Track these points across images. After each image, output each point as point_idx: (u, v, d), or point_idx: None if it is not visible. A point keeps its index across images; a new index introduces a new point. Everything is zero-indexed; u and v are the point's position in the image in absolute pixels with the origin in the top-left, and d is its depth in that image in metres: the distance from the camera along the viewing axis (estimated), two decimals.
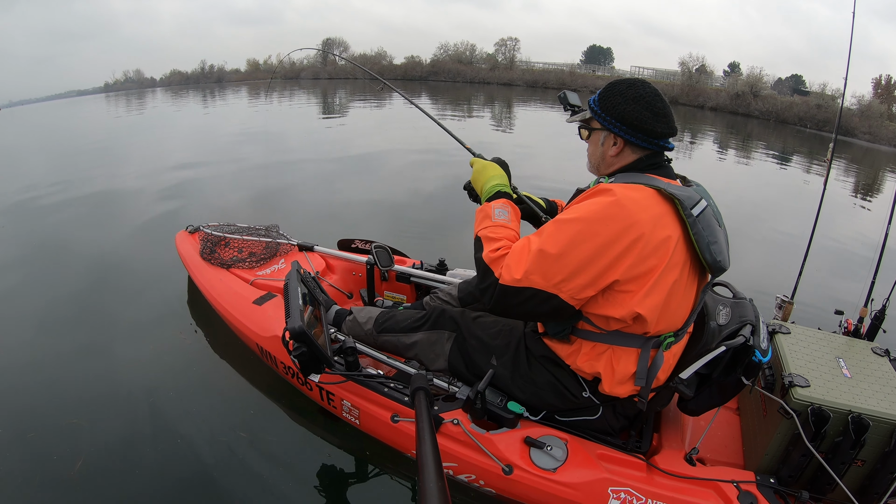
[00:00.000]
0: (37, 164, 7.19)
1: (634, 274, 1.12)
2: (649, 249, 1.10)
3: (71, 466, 1.64)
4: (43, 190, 5.33)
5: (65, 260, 3.46)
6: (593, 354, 1.27)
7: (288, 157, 7.14)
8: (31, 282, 3.11)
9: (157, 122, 13.06)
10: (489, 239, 1.24)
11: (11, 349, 2.34)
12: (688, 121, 17.23)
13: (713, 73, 28.08)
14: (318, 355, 1.39)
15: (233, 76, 37.79)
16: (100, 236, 3.95)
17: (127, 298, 2.84)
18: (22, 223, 4.36)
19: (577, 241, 1.11)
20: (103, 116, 15.44)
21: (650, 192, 1.12)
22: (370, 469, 1.71)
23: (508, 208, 1.32)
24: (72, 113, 17.76)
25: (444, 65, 34.49)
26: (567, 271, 1.12)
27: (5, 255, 3.56)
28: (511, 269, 1.15)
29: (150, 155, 7.52)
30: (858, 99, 21.18)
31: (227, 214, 4.37)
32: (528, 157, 7.47)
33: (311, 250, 2.48)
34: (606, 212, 1.10)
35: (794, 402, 1.27)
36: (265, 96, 20.30)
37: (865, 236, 4.57)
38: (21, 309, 2.75)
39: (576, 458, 1.35)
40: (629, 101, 1.19)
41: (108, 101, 22.61)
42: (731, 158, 9.83)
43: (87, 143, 9.26)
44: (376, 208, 4.71)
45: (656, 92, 1.21)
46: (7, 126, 14.39)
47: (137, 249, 3.63)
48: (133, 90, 33.15)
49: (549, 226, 1.16)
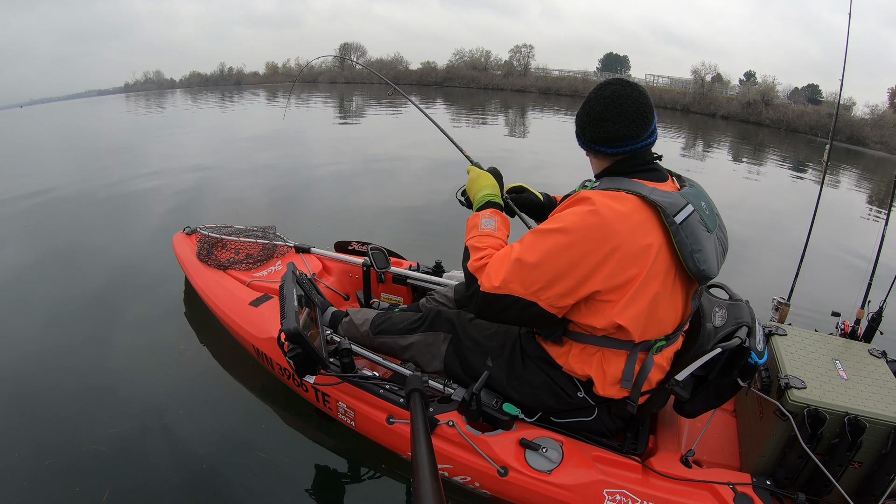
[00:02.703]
0: (56, 162, 7.28)
1: (614, 284, 1.12)
2: (628, 259, 1.10)
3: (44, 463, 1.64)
4: (62, 190, 5.36)
5: (76, 258, 3.50)
6: (584, 356, 1.27)
7: (301, 161, 7.23)
8: (41, 280, 3.12)
9: (175, 123, 13.18)
10: (475, 248, 1.27)
11: (11, 347, 2.35)
12: (699, 129, 17.31)
13: (729, 81, 28.07)
14: (313, 357, 1.39)
15: (251, 79, 38.07)
16: (110, 236, 3.99)
17: (129, 298, 2.84)
18: (37, 221, 4.37)
19: (554, 250, 1.11)
20: (123, 116, 15.62)
21: (631, 200, 1.12)
22: (365, 470, 1.70)
23: (496, 218, 1.34)
24: (91, 112, 17.98)
25: (458, 71, 34.67)
26: (544, 280, 1.13)
27: (19, 254, 3.61)
28: (491, 276, 1.17)
29: (168, 155, 7.62)
30: (872, 108, 21.04)
31: (239, 215, 4.43)
32: (543, 165, 7.44)
33: (308, 252, 2.47)
34: (584, 221, 1.10)
35: (790, 403, 1.27)
36: (283, 99, 20.54)
37: (863, 239, 4.57)
38: (30, 307, 2.76)
39: (571, 460, 1.35)
40: (582, 109, 1.22)
41: (127, 102, 22.85)
42: (739, 165, 9.82)
43: (105, 143, 9.39)
44: (381, 212, 4.73)
45: (613, 97, 1.16)
46: (28, 124, 14.54)
47: (140, 249, 3.64)
48: (153, 91, 33.45)
49: (528, 235, 1.18)
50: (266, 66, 40.38)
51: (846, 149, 17.16)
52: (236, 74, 38.39)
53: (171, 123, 13.00)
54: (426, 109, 1.98)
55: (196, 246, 2.54)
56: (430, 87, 31.37)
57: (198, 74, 39.14)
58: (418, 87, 28.42)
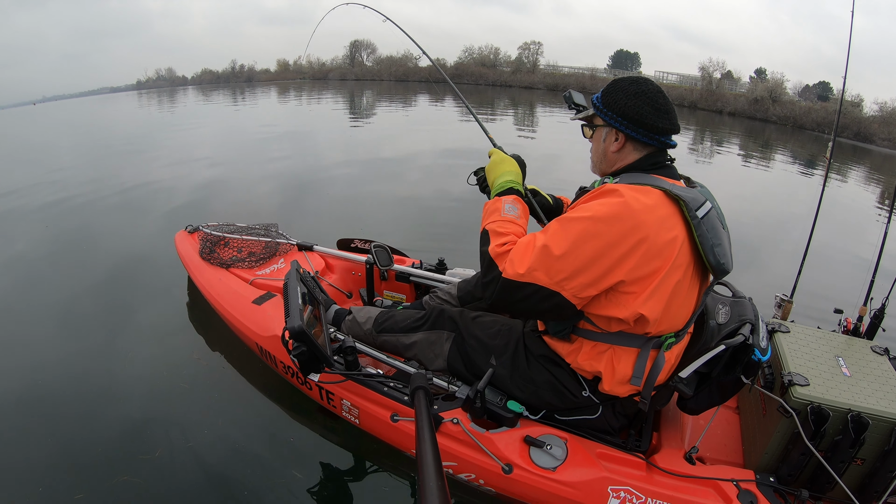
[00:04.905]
0: (68, 160, 7.36)
1: (638, 275, 1.11)
2: (654, 251, 1.10)
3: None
4: (75, 189, 5.42)
5: (88, 255, 3.54)
6: (594, 353, 1.27)
7: (310, 158, 7.26)
8: (50, 282, 3.13)
9: (187, 120, 13.27)
10: (497, 233, 1.23)
11: (10, 344, 2.36)
12: (706, 125, 17.29)
13: (739, 79, 27.91)
14: (317, 355, 1.39)
15: (262, 76, 38.19)
16: (120, 233, 4.04)
17: (131, 298, 2.85)
18: (48, 219, 4.40)
19: (581, 239, 1.10)
20: (136, 114, 15.73)
21: (656, 193, 1.12)
22: (370, 468, 1.71)
23: (519, 205, 1.31)
24: (103, 109, 18.07)
25: (467, 67, 34.72)
26: (570, 269, 1.11)
27: (35, 248, 3.67)
28: (515, 263, 1.14)
29: (179, 152, 7.69)
30: (881, 105, 20.93)
31: (246, 212, 4.48)
32: (554, 158, 7.42)
33: (311, 250, 2.48)
34: (613, 212, 1.09)
35: (793, 400, 1.27)
36: (294, 96, 20.61)
37: (866, 236, 4.57)
38: (35, 308, 2.77)
39: (575, 457, 1.35)
40: (631, 96, 1.19)
41: (140, 99, 22.93)
42: (744, 161, 9.79)
43: (118, 140, 9.47)
44: (386, 209, 4.72)
45: (659, 89, 1.21)
46: (42, 121, 14.59)
47: (148, 246, 3.66)
48: (165, 88, 33.58)
49: (554, 223, 1.16)
50: (277, 63, 40.64)
51: (853, 145, 17.12)
52: (248, 71, 38.58)
53: (183, 120, 13.09)
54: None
55: (198, 244, 2.54)
56: (439, 84, 31.33)
57: (209, 72, 39.44)
58: (427, 84, 28.36)
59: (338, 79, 33.87)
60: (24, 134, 12.12)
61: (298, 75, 36.06)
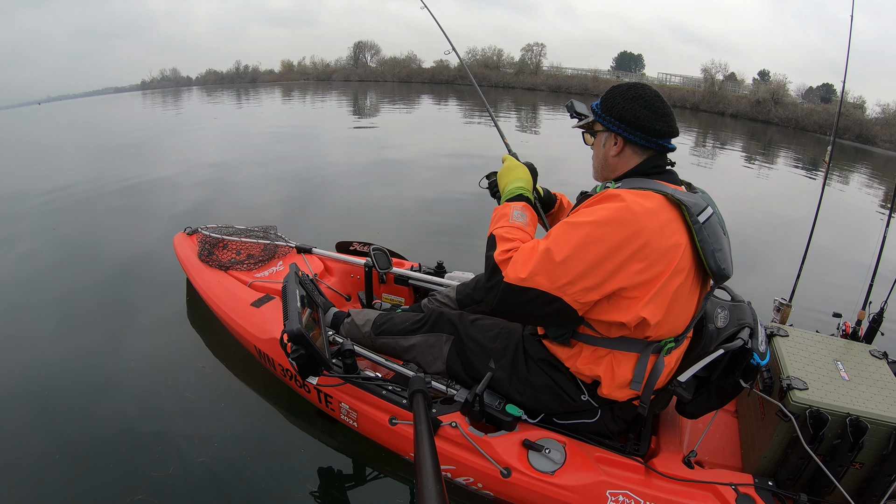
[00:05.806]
0: (72, 160, 7.37)
1: (640, 280, 1.11)
2: (656, 256, 1.10)
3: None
4: (78, 188, 5.44)
5: (85, 256, 3.55)
6: (594, 358, 1.27)
7: (313, 160, 7.27)
8: (52, 283, 3.12)
9: (192, 120, 13.33)
10: (503, 239, 1.23)
11: (11, 342, 2.35)
12: (707, 127, 17.35)
13: (743, 80, 27.93)
14: (316, 358, 1.39)
15: (266, 77, 38.34)
16: (122, 233, 4.04)
17: (132, 298, 2.85)
18: (57, 221, 4.40)
19: (583, 244, 1.10)
20: (140, 113, 15.78)
21: (658, 198, 1.12)
22: (368, 472, 1.70)
23: (528, 213, 1.31)
24: (109, 109, 18.18)
25: (470, 69, 34.61)
26: (573, 274, 1.11)
27: (39, 250, 3.67)
28: (517, 268, 1.14)
29: (183, 153, 7.73)
30: (883, 107, 20.89)
31: (248, 214, 4.46)
32: (556, 160, 7.42)
33: (310, 252, 2.47)
34: (615, 216, 1.10)
35: (792, 404, 1.27)
36: (298, 97, 20.68)
37: (865, 240, 4.57)
38: (36, 308, 2.77)
39: (574, 461, 1.35)
40: (628, 100, 1.21)
41: (144, 99, 23.01)
42: (744, 163, 9.81)
43: (122, 140, 9.50)
44: (387, 211, 4.73)
45: (656, 93, 1.22)
46: (47, 121, 14.65)
47: (147, 246, 3.66)
48: (169, 88, 33.67)
49: (556, 228, 1.16)
50: (281, 63, 40.87)
51: (855, 147, 17.14)
52: (252, 72, 38.76)
53: (188, 120, 13.14)
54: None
55: (197, 246, 2.54)
56: (441, 86, 31.43)
57: (214, 72, 39.77)
58: (430, 86, 28.43)
59: (341, 80, 33.95)
60: (29, 133, 12.14)
61: (302, 76, 36.22)
